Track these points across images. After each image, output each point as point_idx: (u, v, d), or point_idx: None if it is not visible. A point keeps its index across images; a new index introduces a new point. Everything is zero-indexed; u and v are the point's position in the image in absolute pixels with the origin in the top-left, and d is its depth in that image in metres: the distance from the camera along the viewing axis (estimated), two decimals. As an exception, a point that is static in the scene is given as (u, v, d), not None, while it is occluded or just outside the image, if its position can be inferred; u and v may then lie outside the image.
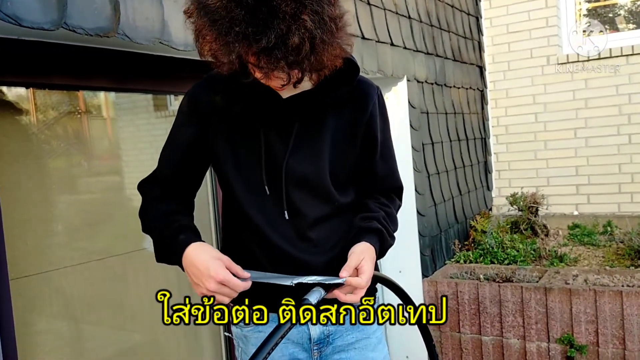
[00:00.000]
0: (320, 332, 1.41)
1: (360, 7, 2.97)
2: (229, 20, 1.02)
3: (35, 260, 1.98)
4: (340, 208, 1.40)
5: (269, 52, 1.02)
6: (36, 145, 2.03)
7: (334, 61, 1.14)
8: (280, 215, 1.34)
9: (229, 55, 1.05)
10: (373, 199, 1.47)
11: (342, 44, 1.14)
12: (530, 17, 4.76)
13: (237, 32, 1.01)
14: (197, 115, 1.35)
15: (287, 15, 1.00)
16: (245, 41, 1.02)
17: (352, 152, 1.38)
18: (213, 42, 1.06)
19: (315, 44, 1.05)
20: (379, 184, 1.48)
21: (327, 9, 1.06)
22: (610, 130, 4.50)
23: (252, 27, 1.01)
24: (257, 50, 1.02)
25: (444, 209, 3.97)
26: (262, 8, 1.00)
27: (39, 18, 1.42)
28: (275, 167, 1.32)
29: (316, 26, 1.03)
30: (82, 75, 1.94)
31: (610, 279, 3.23)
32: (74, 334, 2.17)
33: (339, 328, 1.42)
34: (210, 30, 1.05)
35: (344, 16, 1.13)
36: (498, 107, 4.99)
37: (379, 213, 1.41)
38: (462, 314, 3.39)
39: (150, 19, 1.73)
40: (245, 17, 1.01)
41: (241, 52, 1.04)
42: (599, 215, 4.51)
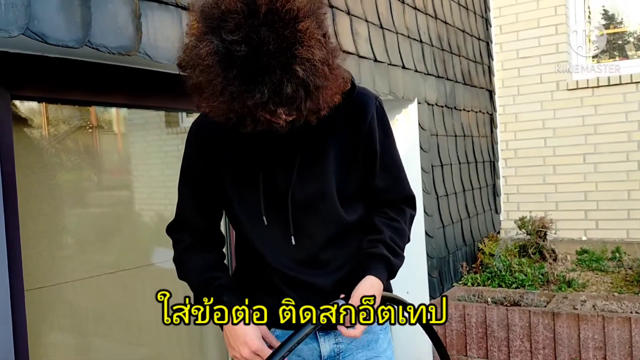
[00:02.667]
0: (330, 350, 1.42)
1: (373, 30, 3.02)
2: (222, 80, 1.03)
3: (49, 272, 2.01)
4: (348, 227, 1.40)
5: (265, 105, 1.04)
6: (49, 158, 2.07)
7: (332, 99, 1.15)
8: (287, 241, 1.36)
9: (227, 113, 1.08)
10: (381, 214, 1.46)
11: (338, 81, 1.15)
12: (540, 43, 4.81)
13: (232, 90, 1.03)
14: (202, 148, 1.38)
15: (277, 68, 1.02)
16: (240, 98, 1.04)
17: (356, 166, 1.39)
18: (209, 100, 1.08)
19: (309, 90, 1.06)
20: (385, 195, 1.47)
21: (318, 54, 1.05)
22: (620, 156, 4.50)
23: (245, 85, 1.02)
24: (252, 105, 1.04)
25: (452, 231, 3.98)
26: (253, 65, 1.01)
27: (63, 36, 1.47)
28: (278, 197, 1.34)
29: (308, 74, 1.04)
30: (100, 91, 1.99)
31: (618, 305, 3.21)
32: (84, 346, 2.18)
33: (349, 346, 1.43)
34: (206, 88, 1.07)
35: (336, 53, 1.13)
36: (507, 131, 5.02)
37: (385, 234, 1.40)
38: (469, 337, 3.38)
39: (170, 39, 1.78)
40: (238, 76, 1.02)
41: (237, 108, 1.06)
42: (607, 241, 4.49)
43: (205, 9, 1.07)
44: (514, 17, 4.94)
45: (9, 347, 1.60)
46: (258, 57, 1.01)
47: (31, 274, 1.86)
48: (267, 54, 1.01)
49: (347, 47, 2.76)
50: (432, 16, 3.82)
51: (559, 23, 4.73)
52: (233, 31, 1.02)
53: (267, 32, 1.01)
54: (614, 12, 4.94)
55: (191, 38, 1.08)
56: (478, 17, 4.76)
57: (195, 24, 1.08)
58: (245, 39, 1.01)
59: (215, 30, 1.03)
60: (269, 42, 1.01)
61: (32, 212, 1.91)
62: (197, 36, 1.06)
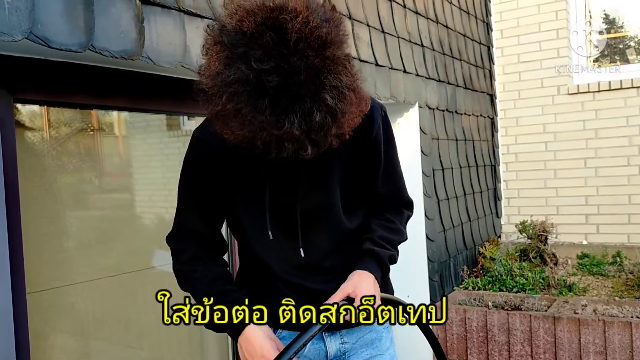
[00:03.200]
0: (336, 350, 1.44)
1: (375, 34, 3.03)
2: (252, 109, 1.01)
3: (50, 274, 2.01)
4: (350, 233, 1.43)
5: (291, 136, 1.03)
6: (51, 161, 2.08)
7: (355, 123, 1.14)
8: (294, 252, 1.39)
9: (254, 141, 1.06)
10: (378, 216, 1.50)
11: (361, 104, 1.13)
12: (541, 47, 4.82)
13: (262, 120, 1.01)
14: (208, 160, 1.35)
15: (307, 97, 1.00)
16: (269, 128, 1.02)
17: (360, 176, 1.41)
18: (235, 127, 1.06)
19: (337, 117, 1.05)
20: (385, 201, 1.51)
21: (345, 80, 1.05)
22: (621, 160, 4.51)
23: (275, 115, 1.00)
24: (281, 134, 1.02)
25: (453, 235, 3.98)
26: (284, 95, 1.00)
27: (67, 40, 1.47)
28: (285, 210, 1.36)
29: (336, 101, 1.03)
30: (103, 94, 1.99)
31: (619, 309, 3.21)
32: (85, 349, 2.18)
33: (354, 345, 1.46)
34: (234, 118, 1.04)
35: (359, 75, 1.12)
36: (508, 135, 5.02)
37: (375, 232, 1.45)
38: (470, 341, 3.38)
39: (173, 43, 1.79)
40: (268, 105, 1.00)
41: (265, 137, 1.04)
42: (608, 245, 4.49)
43: (228, 33, 1.04)
44: (515, 21, 4.95)
45: (10, 349, 1.61)
46: (289, 87, 1.00)
47: (33, 277, 1.86)
48: (298, 84, 1.00)
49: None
50: (434, 20, 3.83)
51: (560, 27, 4.74)
52: (263, 60, 0.99)
53: (298, 62, 1.00)
54: (615, 16, 4.95)
55: (215, 63, 1.04)
56: (479, 21, 4.77)
57: (217, 48, 1.05)
58: (276, 68, 0.99)
59: (242, 58, 1.01)
60: (299, 72, 1.00)
61: (34, 215, 1.91)
62: (223, 62, 1.03)
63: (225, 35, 1.04)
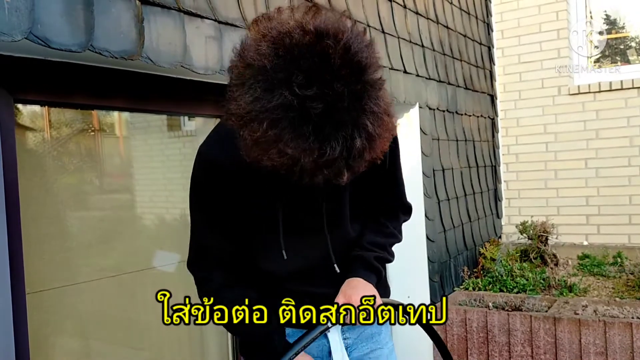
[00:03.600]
0: None
1: (375, 34, 3.03)
2: (295, 137, 0.98)
3: (50, 275, 2.01)
4: (353, 240, 1.49)
5: (332, 162, 1.01)
6: (51, 161, 2.08)
7: (386, 147, 1.12)
8: (305, 264, 1.42)
9: (292, 167, 1.03)
10: (372, 220, 1.53)
11: (394, 128, 1.12)
12: (542, 47, 4.81)
13: (304, 147, 0.99)
14: (221, 180, 1.31)
15: (349, 124, 0.99)
16: (311, 155, 0.99)
17: (367, 188, 1.44)
18: (276, 156, 1.02)
19: (375, 142, 1.04)
20: (384, 208, 1.55)
21: (382, 104, 1.04)
22: (621, 161, 4.51)
23: (318, 142, 0.98)
24: (322, 162, 1.01)
25: (454, 236, 3.98)
26: (328, 122, 0.98)
27: (67, 40, 1.47)
28: (300, 230, 1.38)
29: (375, 126, 1.02)
30: (103, 95, 1.99)
31: (620, 310, 3.21)
32: (85, 349, 2.18)
33: (355, 340, 1.49)
34: (274, 144, 1.00)
35: (390, 99, 1.11)
36: (509, 136, 5.02)
37: (363, 238, 1.48)
38: (470, 342, 3.37)
39: (173, 43, 1.79)
40: (312, 132, 0.98)
41: (306, 164, 1.01)
42: (609, 246, 4.49)
43: (264, 55, 1.00)
44: (515, 21, 4.95)
45: (10, 350, 1.60)
46: (332, 113, 0.98)
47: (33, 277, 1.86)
48: (341, 110, 0.98)
49: (348, 51, 2.76)
50: (434, 21, 3.83)
51: (561, 28, 4.74)
52: (306, 85, 0.97)
53: (341, 88, 0.98)
54: (616, 17, 4.94)
55: (251, 87, 1.00)
56: (480, 21, 4.77)
57: (252, 71, 1.01)
58: (320, 94, 0.97)
59: (284, 83, 0.97)
60: (343, 98, 0.98)
61: (34, 215, 1.91)
62: (262, 87, 0.99)
63: (262, 58, 1.00)
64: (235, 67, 1.05)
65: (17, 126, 1.84)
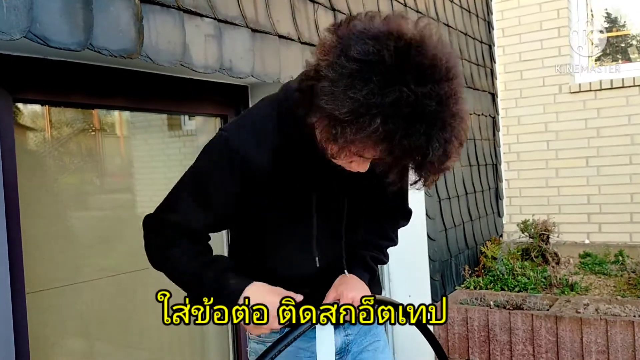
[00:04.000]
0: (342, 342, 1.48)
1: (375, 33, 3.02)
2: (407, 134, 0.98)
3: (50, 274, 2.01)
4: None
5: (428, 164, 1.03)
6: (52, 161, 2.07)
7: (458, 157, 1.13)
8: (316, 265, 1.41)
9: (392, 167, 1.04)
10: (373, 222, 1.54)
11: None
12: (542, 46, 4.80)
13: (414, 145, 0.99)
14: (242, 175, 1.26)
15: (449, 126, 1.01)
16: (415, 153, 1.00)
17: (380, 195, 1.44)
18: (383, 153, 1.02)
19: (460, 149, 1.07)
20: (388, 212, 1.56)
21: (466, 109, 1.07)
22: (623, 159, 4.50)
23: (426, 142, 0.99)
24: (420, 161, 1.01)
25: (455, 234, 3.97)
26: (437, 121, 0.99)
27: (66, 39, 1.47)
28: (329, 236, 1.39)
29: (465, 128, 1.06)
30: (102, 94, 1.99)
31: (621, 308, 3.20)
32: (85, 349, 2.18)
33: (356, 336, 1.51)
34: (382, 142, 0.99)
35: None
36: (510, 134, 5.01)
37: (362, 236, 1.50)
38: (472, 340, 3.37)
39: (172, 42, 1.78)
40: (423, 131, 0.98)
41: (405, 162, 1.03)
42: (610, 244, 4.48)
43: (373, 54, 0.99)
44: (516, 20, 4.94)
45: (10, 349, 1.60)
46: (439, 113, 0.99)
47: (32, 277, 1.86)
48: (447, 111, 1.00)
49: (349, 50, 2.76)
50: (434, 19, 3.82)
51: (562, 26, 4.73)
52: (421, 83, 0.98)
53: (448, 89, 1.00)
54: (617, 15, 4.93)
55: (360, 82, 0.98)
56: (480, 20, 4.76)
57: (361, 66, 0.99)
58: (433, 93, 0.98)
59: (400, 79, 0.97)
60: (449, 99, 1.00)
61: (35, 215, 1.91)
62: (378, 83, 0.97)
63: (373, 54, 0.99)
64: (334, 63, 1.01)
65: (18, 126, 1.84)
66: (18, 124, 1.87)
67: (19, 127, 1.89)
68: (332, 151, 1.09)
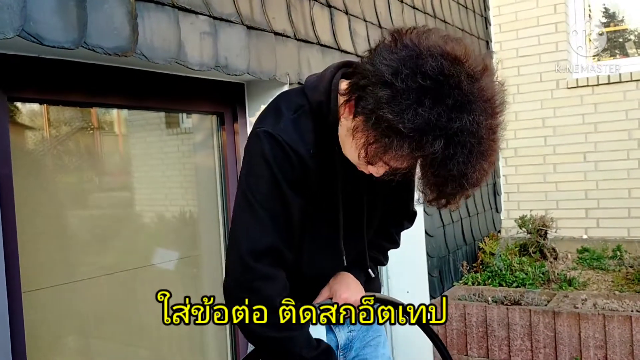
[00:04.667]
0: (345, 339, 1.50)
1: (372, 29, 3.02)
2: (466, 161, 1.01)
3: (47, 273, 2.00)
4: None
5: (463, 190, 1.06)
6: (49, 160, 2.07)
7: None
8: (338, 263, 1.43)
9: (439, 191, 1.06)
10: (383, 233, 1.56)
11: None
12: (540, 41, 4.80)
13: (466, 173, 1.01)
14: (299, 174, 1.20)
15: (491, 154, 1.05)
16: (464, 179, 1.03)
17: (391, 200, 1.47)
18: (407, 163, 1.04)
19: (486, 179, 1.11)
20: (394, 215, 1.57)
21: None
22: (620, 154, 4.50)
23: (474, 172, 1.03)
24: (462, 186, 1.04)
25: (453, 231, 3.97)
26: (486, 152, 1.04)
27: (60, 37, 1.47)
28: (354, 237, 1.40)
29: (493, 164, 1.10)
30: (98, 92, 1.99)
31: (619, 303, 3.21)
32: (83, 348, 2.18)
33: (358, 332, 1.52)
34: (439, 163, 1.00)
35: None
36: (507, 130, 4.94)
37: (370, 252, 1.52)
38: (470, 336, 3.37)
39: (167, 39, 1.77)
40: (477, 161, 1.02)
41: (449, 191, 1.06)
42: (608, 239, 4.49)
43: (450, 77, 0.99)
44: (513, 15, 4.94)
45: (6, 348, 1.60)
46: (492, 145, 1.05)
47: (29, 276, 1.86)
48: (495, 144, 1.06)
49: (345, 46, 2.76)
50: (431, 15, 3.81)
51: (559, 21, 4.72)
52: (482, 115, 1.00)
53: (499, 123, 1.06)
54: (615, 10, 4.93)
55: (435, 102, 0.97)
56: (477, 15, 4.75)
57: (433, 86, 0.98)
58: (490, 125, 1.03)
59: (467, 109, 0.99)
60: (497, 133, 1.06)
61: (32, 213, 1.91)
62: (451, 106, 0.98)
63: (447, 77, 0.98)
64: (403, 72, 0.99)
65: (15, 125, 1.84)
66: (15, 122, 1.86)
67: (16, 125, 1.88)
68: (360, 155, 1.08)
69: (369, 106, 1.01)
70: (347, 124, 1.12)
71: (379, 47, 1.06)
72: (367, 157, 1.07)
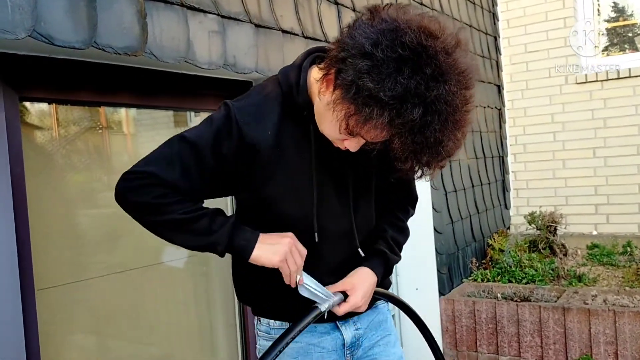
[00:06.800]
0: (352, 337, 1.48)
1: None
2: (442, 128, 1.05)
3: (59, 271, 2.02)
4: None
5: (441, 156, 1.10)
6: (59, 159, 2.09)
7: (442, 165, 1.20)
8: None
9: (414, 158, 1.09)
10: (389, 214, 1.54)
11: None
12: (548, 36, 4.78)
13: (441, 139, 1.06)
14: (246, 156, 1.24)
15: (464, 126, 1.09)
16: (440, 145, 1.07)
17: (387, 180, 1.45)
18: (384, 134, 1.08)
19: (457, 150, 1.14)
20: (397, 199, 1.56)
21: None
22: (630, 150, 4.47)
23: (450, 139, 1.07)
24: (439, 152, 1.08)
25: (462, 227, 3.97)
26: (462, 119, 1.08)
27: (70, 37, 1.48)
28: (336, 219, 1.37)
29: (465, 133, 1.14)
30: (107, 91, 2.00)
31: (630, 299, 3.19)
32: (95, 345, 2.20)
33: (366, 330, 1.51)
34: (419, 130, 1.04)
35: None
36: (516, 126, 4.99)
37: (388, 232, 1.49)
38: (480, 333, 3.37)
39: (176, 38, 1.79)
40: (454, 127, 1.07)
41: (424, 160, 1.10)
42: (618, 235, 4.46)
43: (427, 47, 1.03)
44: (521, 11, 4.91)
45: (20, 346, 1.62)
46: (464, 115, 1.09)
47: (42, 274, 1.87)
48: (467, 114, 1.10)
49: (353, 44, 2.75)
50: (439, 11, 3.80)
51: (567, 16, 4.70)
52: (457, 86, 1.05)
53: (470, 94, 1.10)
54: (624, 4, 4.89)
55: (414, 71, 1.01)
56: (485, 11, 4.73)
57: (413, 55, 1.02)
58: (463, 95, 1.07)
59: (446, 78, 1.03)
60: (469, 104, 1.10)
61: (44, 213, 1.92)
62: (430, 74, 1.02)
63: (424, 48, 1.03)
64: (383, 43, 1.02)
65: (25, 125, 1.85)
66: (25, 122, 1.88)
67: (27, 125, 1.90)
68: (340, 127, 1.10)
69: (349, 77, 1.04)
70: (326, 99, 1.14)
71: (356, 22, 1.10)
72: (347, 129, 1.10)
